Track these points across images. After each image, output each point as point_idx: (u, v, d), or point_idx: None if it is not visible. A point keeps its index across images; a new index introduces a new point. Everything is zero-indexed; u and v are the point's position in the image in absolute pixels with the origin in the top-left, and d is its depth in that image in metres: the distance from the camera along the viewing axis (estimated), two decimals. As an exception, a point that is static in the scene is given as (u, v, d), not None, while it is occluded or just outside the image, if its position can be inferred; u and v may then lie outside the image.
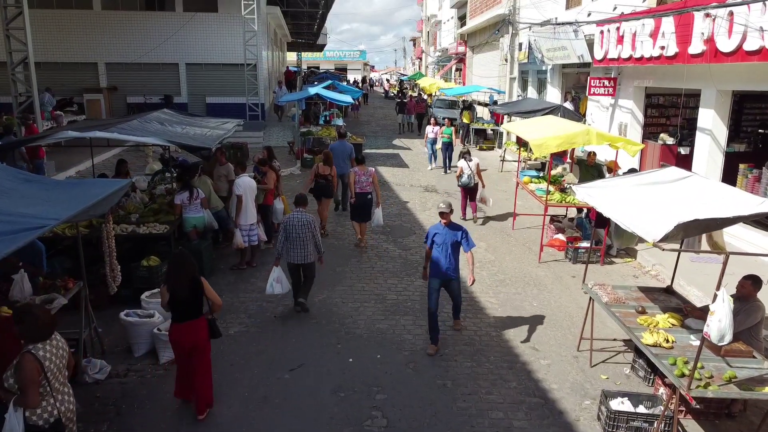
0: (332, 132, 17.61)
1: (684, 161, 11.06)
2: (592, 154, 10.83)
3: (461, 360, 6.40)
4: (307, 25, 39.52)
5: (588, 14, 14.09)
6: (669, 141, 12.19)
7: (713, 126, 10.21)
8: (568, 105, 16.03)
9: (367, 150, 18.99)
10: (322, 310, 7.63)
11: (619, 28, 12.00)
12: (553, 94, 18.74)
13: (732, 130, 10.78)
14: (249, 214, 8.76)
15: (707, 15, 8.90)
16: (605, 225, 9.16)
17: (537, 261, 9.60)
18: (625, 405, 5.16)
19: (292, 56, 57.99)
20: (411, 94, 34.51)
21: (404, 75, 61.44)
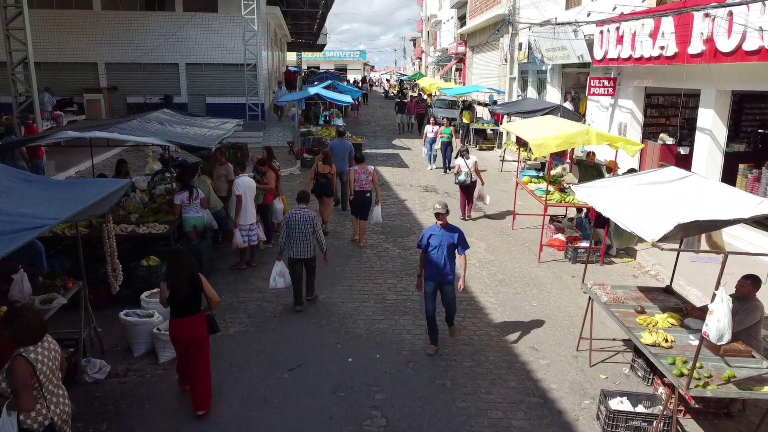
0: (332, 132, 17.61)
1: (684, 161, 11.06)
2: (592, 154, 10.84)
3: (460, 360, 6.41)
4: (307, 25, 39.53)
5: (588, 14, 14.10)
6: (669, 141, 12.20)
7: (713, 126, 10.22)
8: (568, 105, 16.03)
9: (366, 150, 18.99)
10: (321, 309, 7.63)
11: (618, 28, 12.01)
12: (553, 94, 18.75)
13: (732, 130, 10.79)
14: (248, 214, 8.77)
15: (707, 15, 8.91)
16: (605, 225, 9.16)
17: (536, 261, 9.61)
18: (624, 404, 5.16)
19: (292, 56, 58.01)
20: (411, 94, 34.49)
21: (404, 75, 61.45)
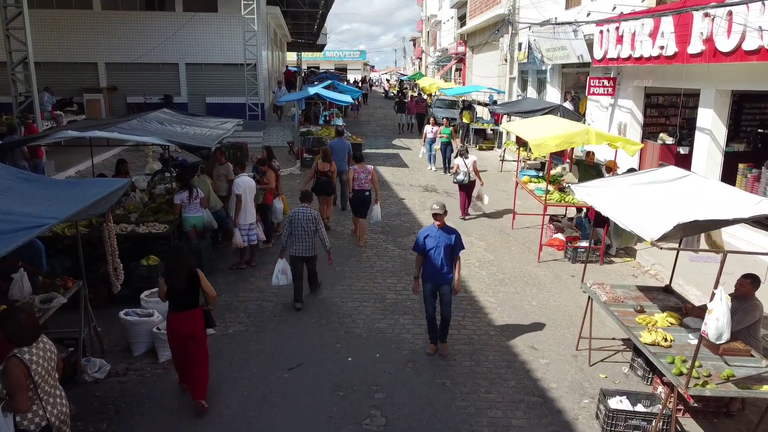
0: (332, 132, 17.61)
1: (683, 161, 11.06)
2: (591, 153, 10.85)
3: (460, 359, 6.41)
4: (307, 25, 39.52)
5: (587, 14, 14.11)
6: (668, 141, 12.20)
7: (712, 126, 10.22)
8: (568, 105, 16.03)
9: (366, 150, 18.99)
10: (321, 309, 7.64)
11: (618, 28, 12.01)
12: (553, 94, 18.75)
13: (731, 130, 10.78)
14: (248, 214, 8.77)
15: (706, 15, 8.91)
16: (604, 224, 9.17)
17: (536, 260, 9.61)
18: (623, 404, 5.16)
19: (292, 56, 58.02)
20: (411, 94, 34.47)
21: (404, 75, 61.43)
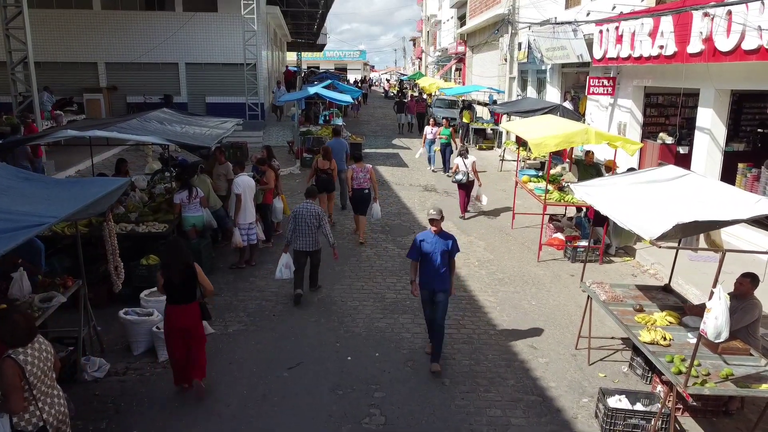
0: (329, 131, 17.60)
1: (683, 160, 11.06)
2: (590, 153, 10.85)
3: (459, 358, 6.41)
4: (306, 25, 39.51)
5: (587, 14, 14.11)
6: (668, 140, 12.20)
7: (712, 125, 10.23)
8: (568, 104, 16.02)
9: (366, 149, 18.99)
10: (321, 308, 7.64)
11: (618, 28, 12.01)
12: (553, 94, 18.75)
13: (731, 130, 10.79)
14: (248, 213, 8.78)
15: (706, 14, 8.91)
16: (604, 223, 9.17)
17: (536, 260, 9.61)
18: (622, 402, 5.16)
19: (292, 56, 58.01)
20: (412, 94, 34.43)
21: (404, 75, 61.39)
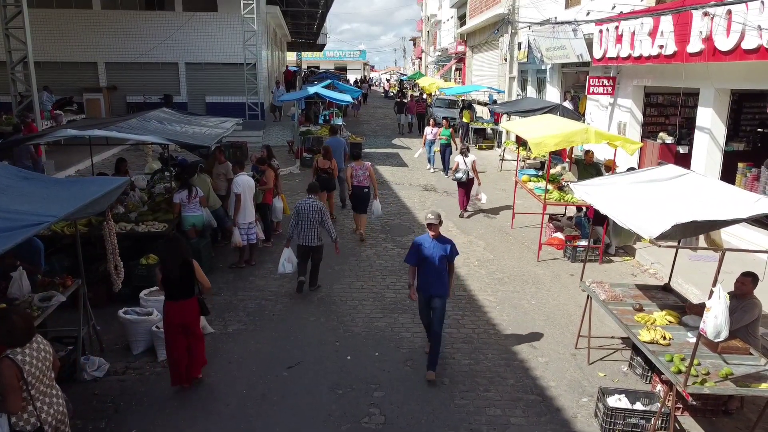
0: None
1: (683, 160, 11.06)
2: (590, 152, 10.84)
3: (459, 358, 6.41)
4: (306, 25, 39.51)
5: (587, 13, 14.11)
6: (668, 140, 12.20)
7: (712, 125, 10.23)
8: (568, 104, 16.01)
9: (366, 149, 18.99)
10: (320, 307, 7.64)
11: (617, 27, 12.01)
12: (553, 94, 18.75)
13: (731, 129, 10.79)
14: (247, 213, 8.77)
15: (705, 14, 8.91)
16: (603, 223, 9.16)
17: (536, 259, 9.61)
18: (622, 402, 5.17)
19: (292, 56, 58.02)
20: (412, 94, 34.35)
21: (404, 75, 61.34)
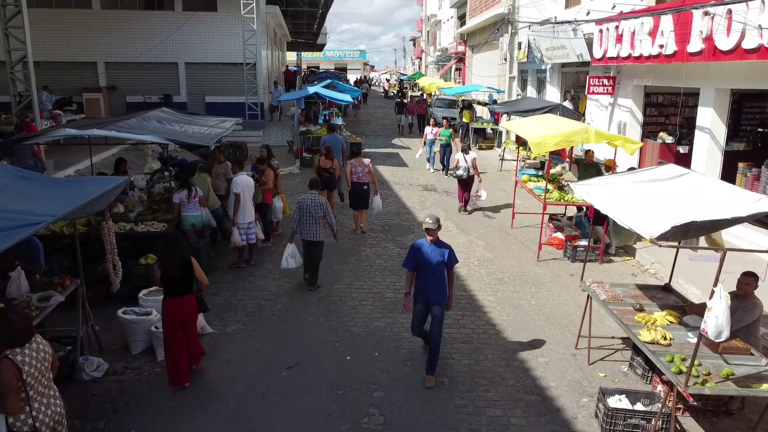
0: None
1: (683, 160, 11.04)
2: (590, 152, 10.82)
3: (459, 358, 6.40)
4: (306, 25, 39.50)
5: (587, 13, 14.10)
6: (668, 140, 12.18)
7: (712, 125, 10.21)
8: (568, 104, 15.99)
9: (366, 149, 18.95)
10: (320, 307, 7.63)
11: (618, 27, 11.99)
12: (553, 93, 18.73)
13: (731, 129, 10.77)
14: (247, 213, 8.75)
15: (706, 13, 8.90)
16: (603, 223, 9.14)
17: (536, 259, 9.59)
18: (622, 402, 5.15)
19: (292, 56, 58.04)
20: (411, 94, 34.29)
21: (404, 75, 61.29)
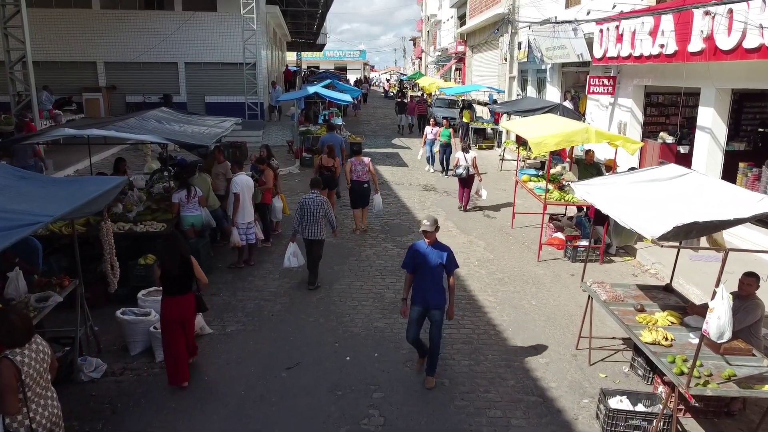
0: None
1: (684, 160, 11.02)
2: (591, 152, 10.80)
3: (459, 358, 6.37)
4: (306, 25, 39.48)
5: (587, 13, 14.08)
6: (668, 140, 12.17)
7: (713, 125, 10.19)
8: (568, 104, 15.97)
9: (366, 149, 18.91)
10: (320, 308, 7.60)
11: (618, 27, 11.97)
12: (553, 93, 18.71)
13: (732, 129, 10.75)
14: (246, 213, 8.73)
15: (707, 13, 8.88)
16: (604, 223, 9.13)
17: (536, 259, 9.57)
18: (623, 403, 5.13)
19: (292, 56, 58.04)
20: (411, 95, 34.25)
21: (404, 75, 61.25)
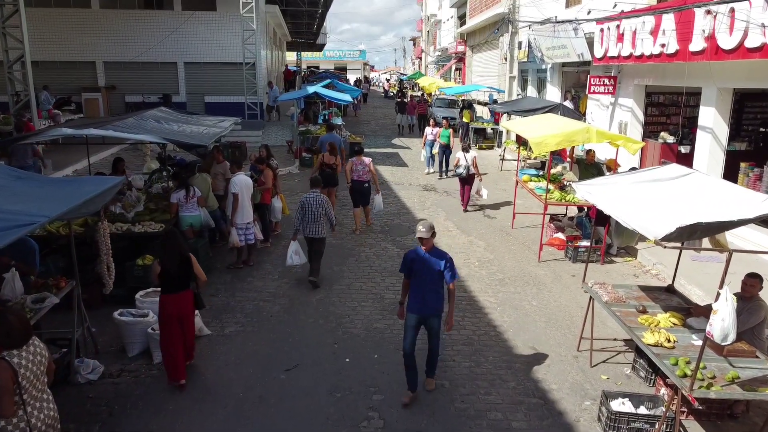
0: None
1: (685, 160, 10.97)
2: (591, 152, 10.76)
3: (459, 360, 6.32)
4: (306, 25, 39.46)
5: (588, 12, 14.03)
6: (669, 140, 12.12)
7: (714, 124, 10.14)
8: (568, 104, 15.93)
9: (366, 149, 18.81)
10: (319, 309, 7.55)
11: (619, 26, 11.92)
12: (553, 93, 18.67)
13: (733, 129, 10.70)
14: (245, 213, 8.69)
15: (708, 12, 8.83)
16: (605, 223, 9.09)
17: (536, 260, 9.52)
18: (625, 406, 5.08)
19: (292, 56, 58.02)
20: (412, 95, 34.22)
21: (404, 75, 61.21)
